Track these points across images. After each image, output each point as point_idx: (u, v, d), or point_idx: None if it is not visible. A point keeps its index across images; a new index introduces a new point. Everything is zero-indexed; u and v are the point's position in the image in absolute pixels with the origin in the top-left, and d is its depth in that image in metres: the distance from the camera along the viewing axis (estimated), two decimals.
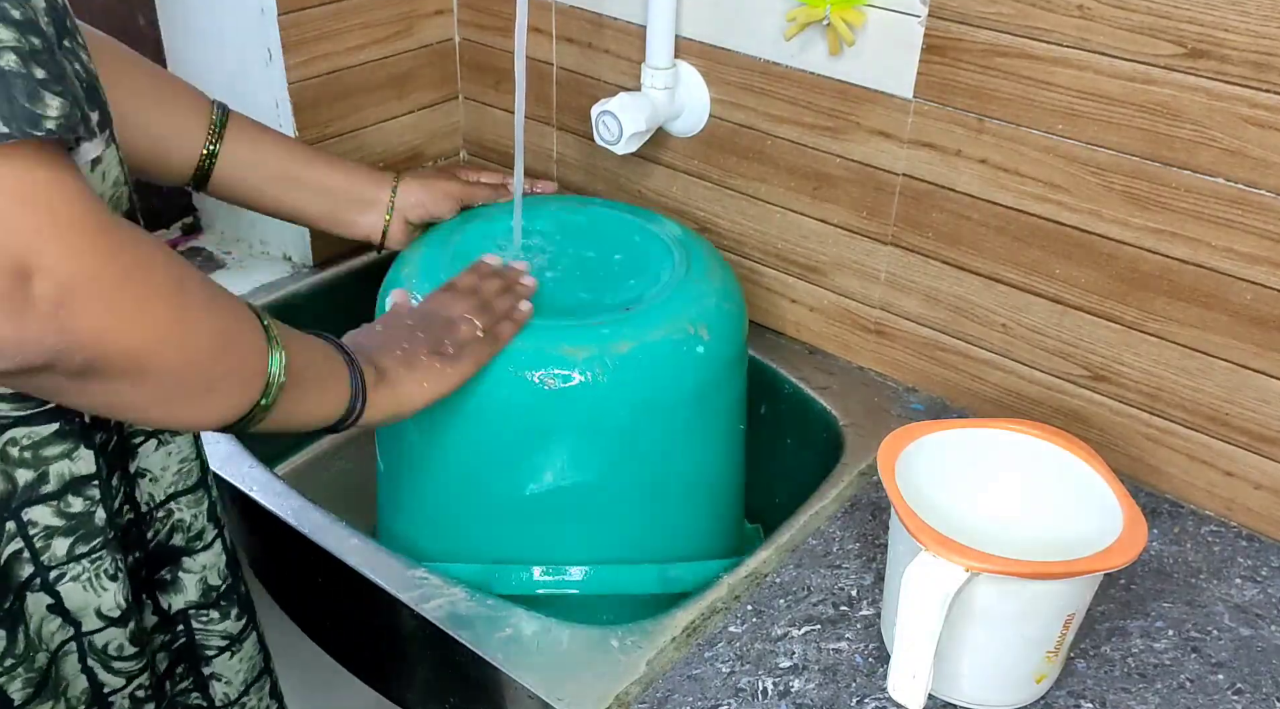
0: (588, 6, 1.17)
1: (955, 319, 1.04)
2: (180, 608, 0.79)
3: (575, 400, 0.88)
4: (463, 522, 0.96)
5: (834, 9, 0.96)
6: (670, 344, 0.90)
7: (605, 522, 0.95)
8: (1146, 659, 0.81)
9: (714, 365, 0.94)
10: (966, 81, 0.94)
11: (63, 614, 0.67)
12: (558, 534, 0.94)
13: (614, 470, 0.93)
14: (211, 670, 0.82)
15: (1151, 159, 0.87)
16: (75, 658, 0.69)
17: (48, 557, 0.64)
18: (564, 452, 0.91)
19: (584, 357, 0.87)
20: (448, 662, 0.84)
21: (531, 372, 0.87)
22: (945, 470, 0.80)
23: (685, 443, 0.96)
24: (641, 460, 0.93)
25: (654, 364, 0.90)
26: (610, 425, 0.90)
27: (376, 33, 1.24)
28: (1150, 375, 0.94)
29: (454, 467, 0.94)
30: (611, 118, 1.09)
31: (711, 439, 0.99)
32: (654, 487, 0.95)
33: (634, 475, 0.94)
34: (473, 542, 0.96)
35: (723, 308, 0.96)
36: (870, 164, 1.03)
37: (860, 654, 0.81)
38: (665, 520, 0.98)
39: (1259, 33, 0.79)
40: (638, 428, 0.91)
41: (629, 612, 0.88)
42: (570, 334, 0.89)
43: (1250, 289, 0.87)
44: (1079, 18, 0.86)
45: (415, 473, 0.98)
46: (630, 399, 0.89)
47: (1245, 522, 0.94)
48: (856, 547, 0.90)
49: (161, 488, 0.74)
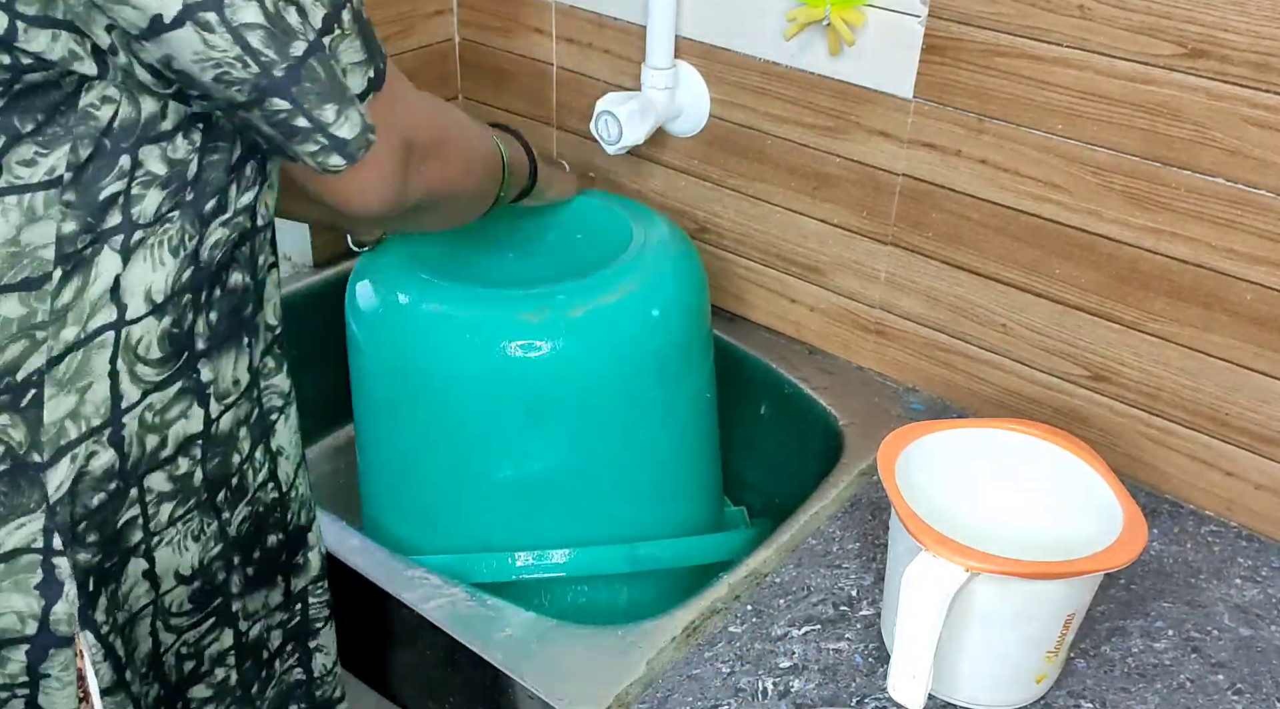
0: (588, 6, 1.17)
1: (955, 319, 1.04)
2: (302, 586, 0.80)
3: (536, 367, 0.90)
4: (444, 505, 0.97)
5: (834, 9, 0.96)
6: (623, 307, 0.93)
7: (579, 502, 0.96)
8: (1146, 659, 0.81)
9: (670, 330, 0.96)
10: (966, 81, 0.94)
11: (151, 579, 0.69)
12: (534, 517, 0.96)
13: (581, 446, 0.94)
14: (317, 643, 0.83)
15: (1151, 159, 0.87)
16: (149, 620, 0.70)
17: (155, 523, 0.66)
18: (530, 425, 0.92)
19: (539, 321, 0.90)
20: (448, 662, 0.84)
21: (493, 341, 0.89)
22: (945, 470, 0.80)
23: (649, 413, 0.97)
24: (607, 433, 0.95)
25: (609, 327, 0.92)
26: (572, 394, 0.92)
27: (376, 33, 1.24)
28: (1150, 375, 0.94)
29: (432, 449, 0.96)
30: (611, 118, 1.09)
31: (676, 409, 1.00)
32: (623, 462, 0.97)
33: (602, 450, 0.95)
34: (452, 531, 0.97)
35: (679, 273, 0.98)
36: (870, 164, 1.03)
37: (860, 654, 0.81)
38: (636, 497, 0.99)
39: (1259, 33, 0.79)
40: (601, 397, 0.93)
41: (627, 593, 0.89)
42: (527, 302, 0.91)
43: (1250, 289, 0.87)
44: (1079, 18, 0.86)
45: (395, 463, 1.00)
46: (589, 364, 0.91)
47: (1245, 522, 0.94)
48: (856, 547, 0.90)
49: (291, 465, 0.76)
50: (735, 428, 1.14)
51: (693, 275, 1.00)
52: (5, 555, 0.59)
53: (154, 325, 0.62)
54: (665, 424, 0.99)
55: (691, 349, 1.00)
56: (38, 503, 0.59)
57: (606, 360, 0.92)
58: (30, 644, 0.61)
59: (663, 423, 0.99)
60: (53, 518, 0.59)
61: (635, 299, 0.93)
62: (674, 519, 1.02)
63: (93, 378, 0.60)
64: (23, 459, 0.58)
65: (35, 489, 0.59)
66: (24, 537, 0.59)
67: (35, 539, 0.59)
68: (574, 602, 0.98)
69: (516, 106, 1.30)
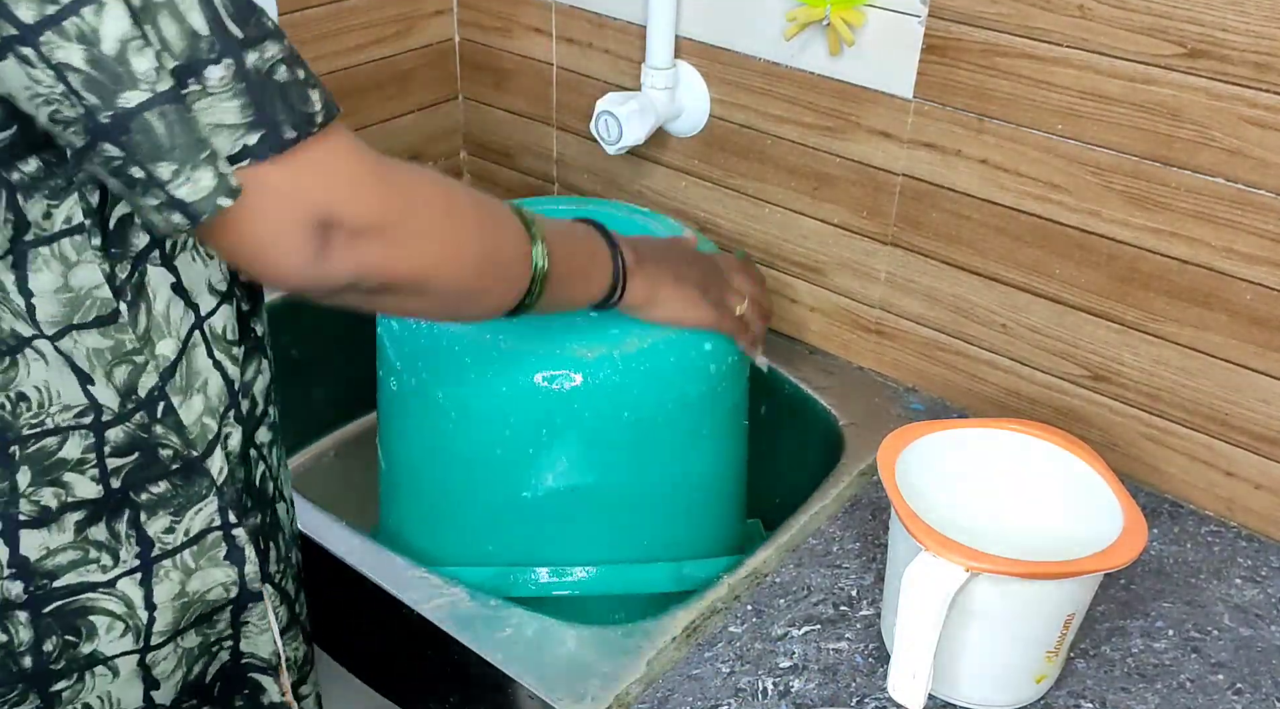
0: (588, 6, 1.17)
1: (955, 319, 1.04)
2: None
3: (586, 400, 0.88)
4: (469, 525, 0.96)
5: (834, 9, 0.96)
6: (678, 342, 0.91)
7: (616, 521, 0.94)
8: (1146, 659, 0.81)
9: (720, 363, 0.94)
10: (966, 81, 0.94)
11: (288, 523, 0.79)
12: (567, 535, 0.94)
13: (626, 471, 0.93)
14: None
15: (1151, 159, 0.87)
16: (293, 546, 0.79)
17: (274, 469, 0.76)
18: (575, 452, 0.90)
19: (594, 357, 0.87)
20: (448, 662, 0.84)
21: (543, 372, 0.87)
22: (945, 470, 0.80)
23: (694, 443, 0.96)
24: (652, 461, 0.93)
25: (663, 363, 0.90)
26: (620, 426, 0.90)
27: (376, 33, 1.24)
28: (1150, 375, 0.94)
29: (461, 469, 0.94)
30: (611, 118, 1.09)
31: (719, 438, 0.99)
32: (663, 487, 0.95)
33: (645, 476, 0.94)
34: (480, 545, 0.96)
35: None
36: (870, 164, 1.03)
37: (860, 654, 0.81)
38: (674, 520, 0.98)
39: (1259, 33, 0.79)
40: (648, 428, 0.91)
41: (639, 611, 0.88)
42: (580, 336, 0.89)
43: (1250, 289, 0.87)
44: (1079, 18, 0.86)
45: (421, 476, 0.98)
46: (640, 398, 0.90)
47: (1245, 522, 0.94)
48: (856, 547, 0.90)
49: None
50: None
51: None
52: (194, 538, 0.67)
53: (228, 310, 0.68)
54: (708, 453, 0.98)
55: (737, 380, 0.98)
56: (208, 489, 0.67)
57: (657, 392, 0.90)
58: (233, 604, 0.71)
59: (706, 452, 0.98)
60: (223, 498, 0.68)
61: (688, 336, 0.91)
62: (709, 540, 1.02)
63: (205, 374, 0.67)
64: (186, 457, 0.66)
65: (204, 478, 0.67)
66: (204, 519, 0.67)
67: (214, 519, 0.68)
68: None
69: (516, 106, 1.30)
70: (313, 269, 0.59)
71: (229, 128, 0.54)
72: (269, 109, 0.55)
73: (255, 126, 0.54)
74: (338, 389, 1.28)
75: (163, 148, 0.52)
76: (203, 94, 0.53)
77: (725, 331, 0.92)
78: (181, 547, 0.67)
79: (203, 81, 0.52)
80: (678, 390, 0.91)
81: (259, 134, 0.54)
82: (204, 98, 0.53)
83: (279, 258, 0.58)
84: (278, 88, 0.55)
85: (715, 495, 1.02)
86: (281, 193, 0.57)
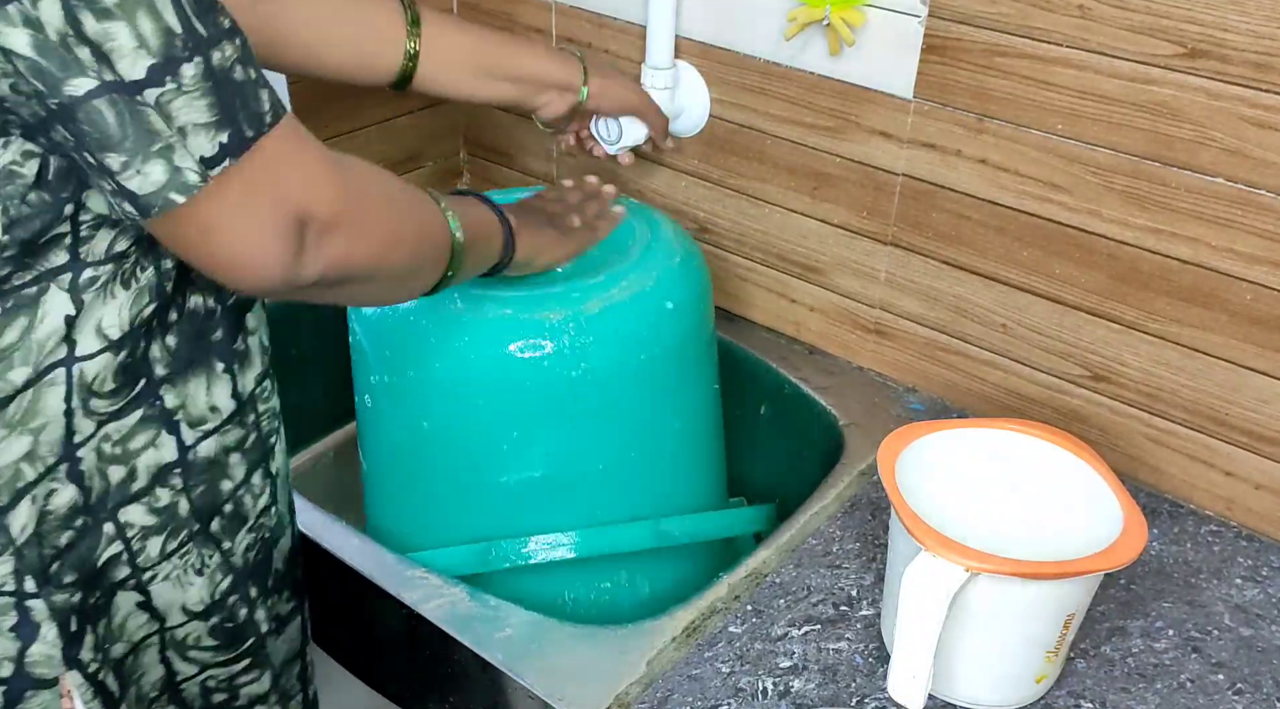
0: (588, 6, 1.17)
1: (955, 319, 1.04)
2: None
3: (549, 364, 0.90)
4: (452, 506, 0.97)
5: (834, 9, 0.96)
6: (639, 301, 0.93)
7: (594, 485, 0.96)
8: (1146, 659, 0.81)
9: (684, 321, 0.96)
10: (966, 81, 0.94)
11: (150, 611, 0.69)
12: (547, 503, 0.95)
13: (598, 440, 0.94)
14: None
15: (1151, 159, 0.87)
16: (156, 650, 0.70)
17: (143, 558, 0.67)
18: (544, 422, 0.92)
19: (558, 319, 0.89)
20: (448, 661, 0.84)
21: (511, 340, 0.89)
22: (945, 470, 0.80)
23: (664, 400, 0.97)
24: (624, 421, 0.95)
25: (626, 321, 0.92)
26: (589, 391, 0.91)
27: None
28: (1150, 375, 0.94)
29: (439, 451, 0.95)
30: (611, 118, 1.09)
31: (688, 394, 1.00)
32: (638, 454, 0.97)
33: (618, 444, 0.95)
34: (463, 523, 0.97)
35: (687, 268, 0.98)
36: (870, 164, 1.03)
37: (860, 654, 0.81)
38: (651, 479, 0.99)
39: (1259, 33, 0.79)
40: (617, 392, 0.93)
41: (625, 576, 0.89)
42: (544, 301, 0.91)
43: (1250, 289, 0.87)
44: (1079, 18, 0.86)
45: (401, 462, 0.99)
46: (606, 360, 0.91)
47: (1245, 522, 0.94)
48: (856, 547, 0.90)
49: (285, 486, 0.76)
50: (736, 428, 1.14)
51: (699, 268, 1.01)
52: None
53: (109, 359, 0.61)
54: (680, 415, 1.00)
55: (702, 339, 1.01)
56: (3, 546, 0.59)
57: (624, 355, 0.92)
58: (6, 687, 0.61)
59: (679, 414, 0.99)
60: (21, 560, 0.59)
61: (650, 294, 0.93)
62: (686, 496, 1.03)
63: (47, 417, 0.60)
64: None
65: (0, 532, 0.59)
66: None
67: (6, 582, 0.59)
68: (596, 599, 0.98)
69: None
70: (292, 269, 0.58)
71: (198, 127, 0.53)
72: (231, 107, 0.54)
73: (219, 127, 0.53)
74: (337, 389, 1.28)
75: (113, 138, 0.51)
76: (178, 93, 0.52)
77: (585, 248, 0.95)
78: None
79: (179, 79, 0.52)
80: (646, 349, 0.93)
81: (226, 133, 0.54)
82: (180, 96, 0.52)
83: (262, 260, 0.57)
84: (237, 87, 0.54)
85: (690, 453, 1.03)
86: (260, 193, 0.56)
